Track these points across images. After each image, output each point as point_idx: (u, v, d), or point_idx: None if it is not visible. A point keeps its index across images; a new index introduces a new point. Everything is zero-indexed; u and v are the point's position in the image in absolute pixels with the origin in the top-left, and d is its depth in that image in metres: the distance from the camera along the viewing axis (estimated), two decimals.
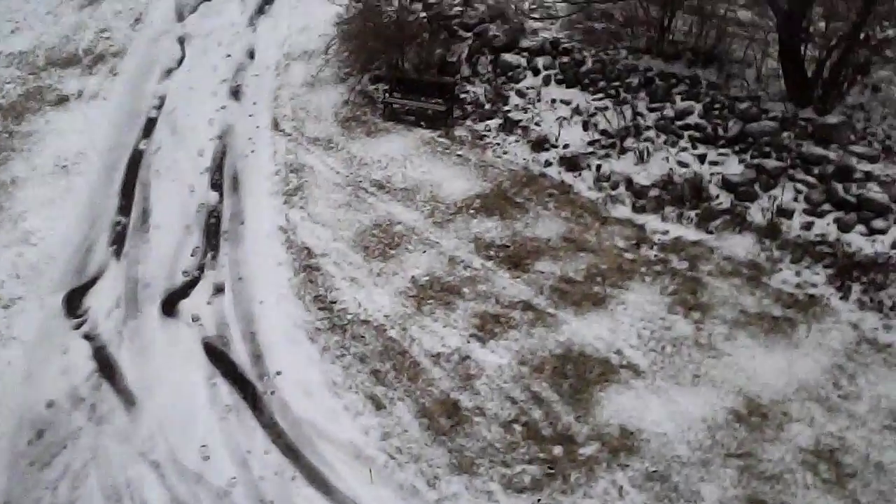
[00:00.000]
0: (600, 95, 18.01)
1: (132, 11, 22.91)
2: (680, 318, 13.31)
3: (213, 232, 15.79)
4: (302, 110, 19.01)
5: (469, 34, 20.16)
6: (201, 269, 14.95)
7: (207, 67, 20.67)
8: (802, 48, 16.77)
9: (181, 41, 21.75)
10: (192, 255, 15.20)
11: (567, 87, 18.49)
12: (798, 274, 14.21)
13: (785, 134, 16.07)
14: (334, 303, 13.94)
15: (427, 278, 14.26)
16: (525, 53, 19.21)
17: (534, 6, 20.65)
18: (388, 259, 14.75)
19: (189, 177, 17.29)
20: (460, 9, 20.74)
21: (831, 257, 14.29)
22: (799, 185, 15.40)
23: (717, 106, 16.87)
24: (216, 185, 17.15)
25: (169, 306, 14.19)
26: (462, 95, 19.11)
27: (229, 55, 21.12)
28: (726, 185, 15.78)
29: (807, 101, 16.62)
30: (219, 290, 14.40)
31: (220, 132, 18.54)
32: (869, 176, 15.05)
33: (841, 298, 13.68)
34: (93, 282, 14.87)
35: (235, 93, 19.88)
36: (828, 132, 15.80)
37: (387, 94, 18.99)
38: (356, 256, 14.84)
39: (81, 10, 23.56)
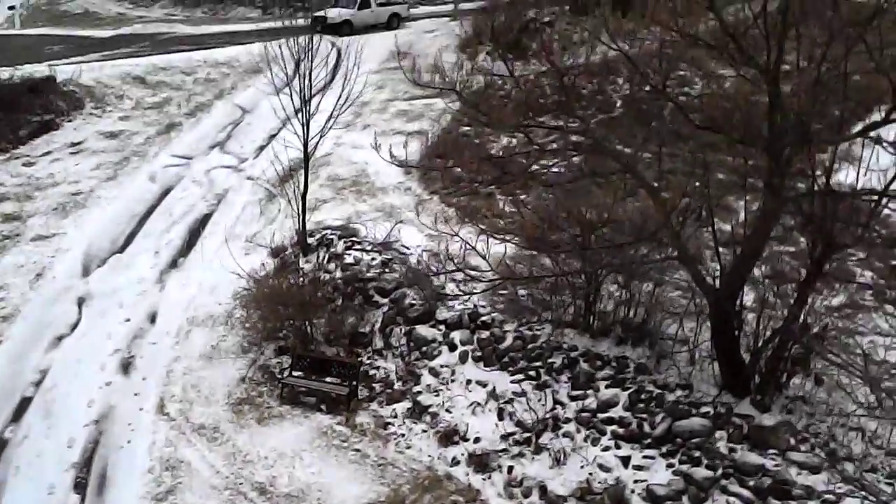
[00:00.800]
0: (520, 377, 16.32)
1: (35, 266, 21.50)
2: None
3: None
4: (193, 389, 17.20)
5: (385, 300, 18.73)
6: None
7: (102, 334, 19.03)
8: (737, 333, 15.27)
9: (80, 302, 20.21)
10: None
11: (485, 365, 16.86)
12: None
13: (718, 434, 14.25)
14: None
15: None
16: (442, 326, 17.68)
17: (459, 265, 19.27)
18: None
19: (51, 474, 15.24)
20: (379, 271, 19.40)
21: None
22: (732, 500, 13.42)
23: (644, 397, 15.15)
24: (80, 486, 15.10)
25: None
26: (372, 372, 17.44)
27: (128, 319, 19.53)
28: (651, 496, 13.81)
29: (743, 392, 14.97)
30: None
31: (99, 416, 16.66)
32: (810, 493, 13.12)
33: None
34: None
35: (126, 366, 18.13)
36: (765, 435, 13.99)
37: (287, 373, 17.24)
38: None
39: None
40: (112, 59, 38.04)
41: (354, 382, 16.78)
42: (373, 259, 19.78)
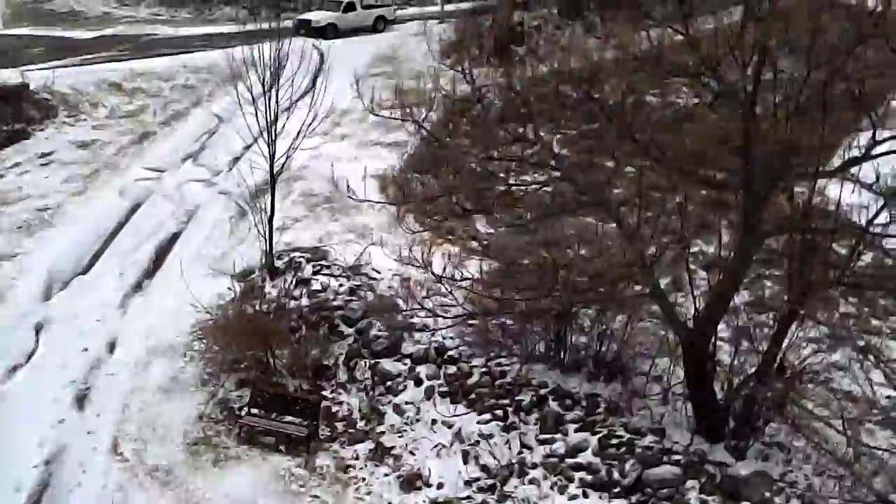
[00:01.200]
0: (487, 416, 15.68)
1: None
2: None
3: None
4: (149, 427, 16.51)
5: (351, 330, 18.06)
6: None
7: (58, 364, 18.29)
8: (712, 375, 14.61)
9: (38, 329, 19.47)
10: None
11: (451, 402, 16.24)
12: None
13: (689, 484, 13.61)
14: None
15: None
16: (408, 360, 17.03)
17: (430, 293, 18.55)
18: None
19: None
20: (346, 298, 18.71)
21: None
22: None
23: (614, 442, 14.48)
24: None
25: None
26: (335, 408, 16.77)
27: (87, 349, 18.80)
28: None
29: (718, 436, 14.33)
30: None
31: (50, 456, 15.93)
32: None
33: None
34: None
35: (81, 400, 17.41)
36: (739, 487, 13.33)
37: (246, 410, 16.55)
38: None
39: None
40: (91, 63, 37.21)
41: (315, 422, 16.07)
42: (341, 285, 19.13)
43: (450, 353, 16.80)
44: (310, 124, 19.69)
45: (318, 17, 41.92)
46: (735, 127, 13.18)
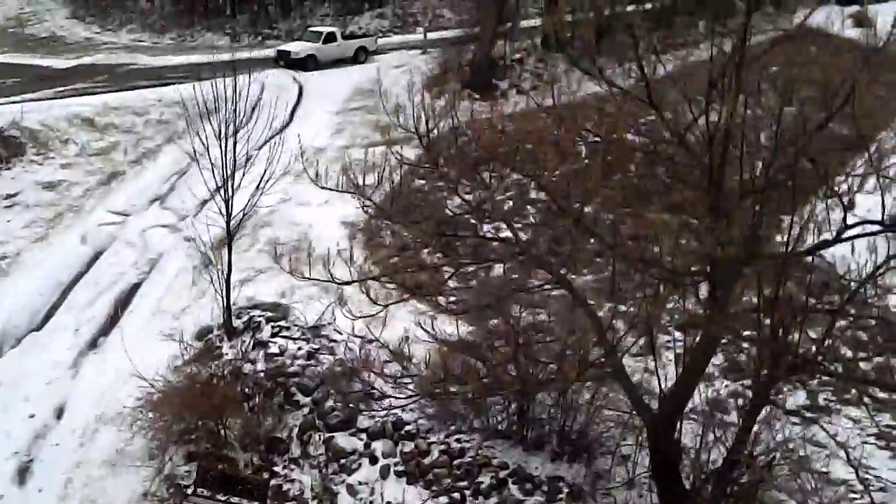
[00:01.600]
0: (444, 501, 14.85)
1: None
2: None
3: None
4: None
5: (307, 400, 17.27)
6: None
7: (2, 433, 17.51)
8: (678, 461, 13.85)
9: None
10: None
11: (408, 481, 15.43)
12: None
13: None
14: None
15: None
16: (363, 435, 16.23)
17: (389, 360, 17.79)
18: None
19: None
20: (303, 364, 17.95)
21: None
22: None
23: None
24: None
25: None
26: (286, 487, 15.95)
27: (33, 415, 18.02)
28: None
29: None
30: None
31: None
32: None
33: None
34: None
35: (23, 473, 16.67)
36: None
37: (193, 489, 15.73)
38: None
39: None
40: (65, 96, 36.51)
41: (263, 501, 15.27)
42: (299, 349, 18.38)
43: (407, 427, 16.03)
44: (268, 180, 18.90)
45: (297, 48, 41.27)
46: (700, 207, 12.45)
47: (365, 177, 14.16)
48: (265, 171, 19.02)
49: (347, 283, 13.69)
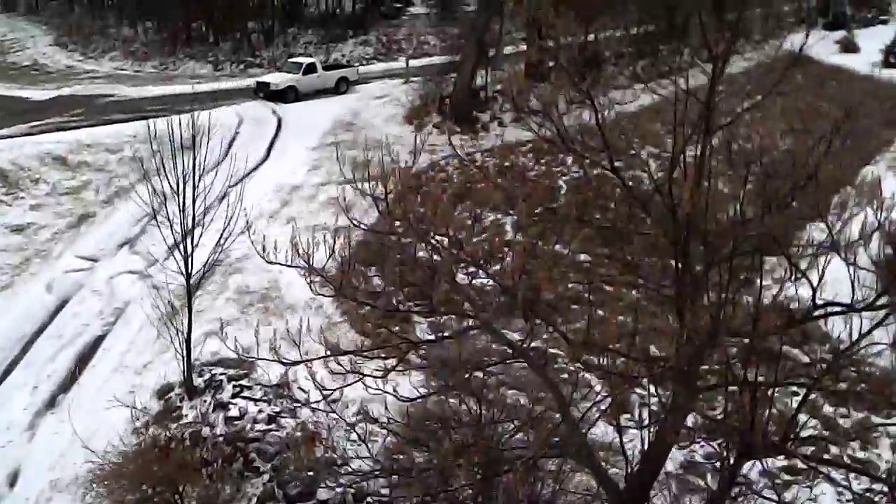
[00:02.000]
0: None
1: None
2: None
3: None
4: None
5: (268, 467, 16.63)
6: None
7: None
8: None
9: None
10: None
11: None
12: None
13: None
14: None
15: None
16: None
17: (357, 418, 17.16)
18: None
19: None
20: (264, 428, 17.32)
21: None
22: None
23: None
24: None
25: None
26: None
27: None
28: None
29: None
30: None
31: None
32: None
33: None
34: None
35: None
36: None
37: None
38: None
39: None
40: (40, 131, 35.94)
41: None
42: (259, 412, 17.77)
43: (369, 499, 15.36)
44: (227, 239, 18.32)
45: (277, 79, 40.76)
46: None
47: (316, 247, 13.51)
48: (224, 228, 18.34)
49: (318, 358, 12.99)
